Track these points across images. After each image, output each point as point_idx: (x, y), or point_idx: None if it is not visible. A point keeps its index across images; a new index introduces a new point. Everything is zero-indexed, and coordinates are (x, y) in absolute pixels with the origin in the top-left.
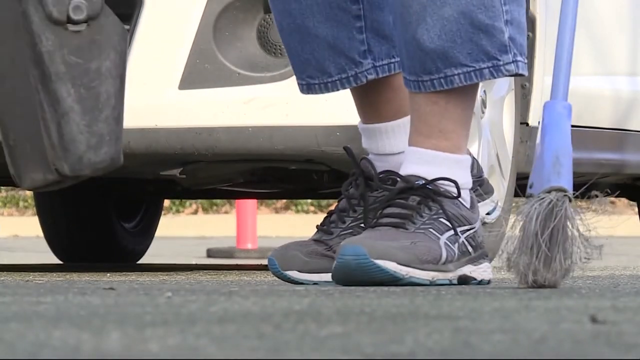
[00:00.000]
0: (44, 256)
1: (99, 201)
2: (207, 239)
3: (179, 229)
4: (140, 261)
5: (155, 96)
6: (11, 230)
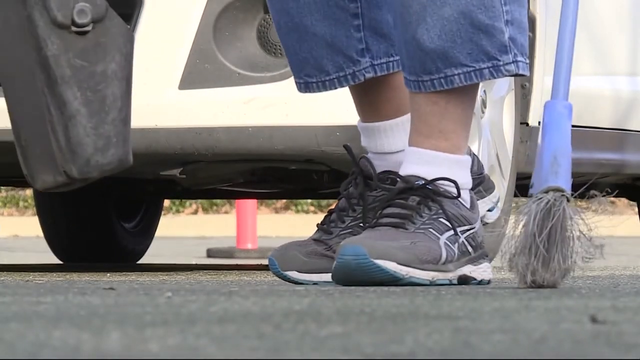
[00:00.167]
0: (44, 256)
1: (99, 201)
2: (207, 239)
3: (179, 229)
4: (140, 261)
5: (155, 96)
6: (11, 230)
